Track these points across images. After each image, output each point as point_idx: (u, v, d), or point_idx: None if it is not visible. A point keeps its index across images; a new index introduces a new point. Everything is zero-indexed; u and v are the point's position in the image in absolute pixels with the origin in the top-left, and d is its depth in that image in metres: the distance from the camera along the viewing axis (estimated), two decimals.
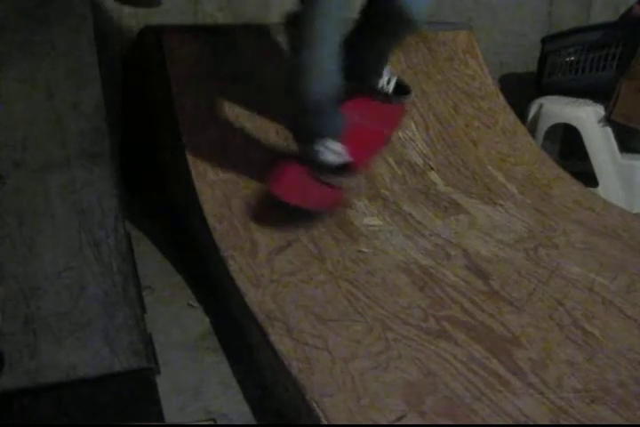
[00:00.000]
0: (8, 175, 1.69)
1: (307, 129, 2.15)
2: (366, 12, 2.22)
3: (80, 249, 1.67)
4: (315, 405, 1.44)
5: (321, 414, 1.41)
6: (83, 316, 1.58)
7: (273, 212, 2.11)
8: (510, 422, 1.42)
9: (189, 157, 2.23)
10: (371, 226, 2.21)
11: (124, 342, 1.56)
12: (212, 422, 1.56)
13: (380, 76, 2.40)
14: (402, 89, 2.46)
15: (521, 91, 3.20)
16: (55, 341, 1.52)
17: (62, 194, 1.73)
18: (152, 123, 2.54)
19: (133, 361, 1.54)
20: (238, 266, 1.91)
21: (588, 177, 2.75)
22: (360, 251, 2.06)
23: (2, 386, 1.44)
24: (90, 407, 1.45)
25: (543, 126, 2.96)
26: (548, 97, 3.06)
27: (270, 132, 2.41)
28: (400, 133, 2.60)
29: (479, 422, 1.42)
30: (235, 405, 1.63)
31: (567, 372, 1.58)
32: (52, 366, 1.49)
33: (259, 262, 1.94)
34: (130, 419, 1.46)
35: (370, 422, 1.41)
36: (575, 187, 2.59)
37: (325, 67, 2.00)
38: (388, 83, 2.41)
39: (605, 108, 2.84)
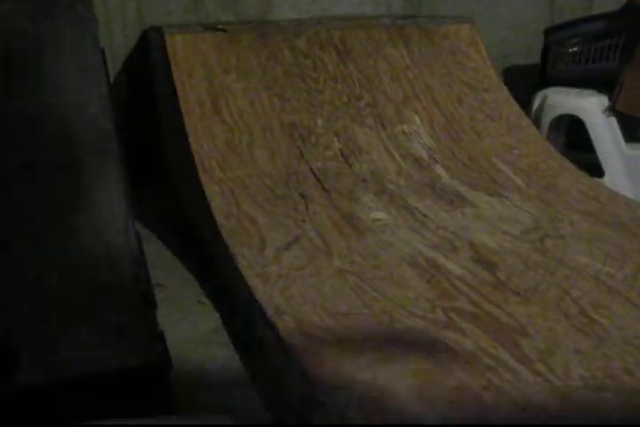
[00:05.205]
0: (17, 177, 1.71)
1: None
2: None
3: (90, 249, 1.69)
4: (325, 398, 1.45)
5: (332, 407, 1.43)
6: (95, 314, 1.60)
7: (280, 208, 2.13)
8: (519, 411, 1.44)
9: (196, 156, 2.25)
10: (377, 220, 2.23)
11: (137, 339, 1.57)
12: (224, 415, 1.58)
13: None
14: None
15: (525, 82, 3.21)
16: (68, 338, 1.55)
17: (71, 195, 1.75)
18: (158, 122, 2.56)
19: (146, 357, 1.55)
20: (247, 262, 1.93)
21: (593, 167, 2.75)
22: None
23: (16, 383, 1.46)
24: (103, 403, 1.47)
25: (548, 118, 2.96)
26: (552, 88, 3.06)
27: (276, 129, 2.43)
28: (405, 127, 2.62)
29: (488, 411, 1.44)
30: (246, 399, 1.65)
31: (574, 360, 1.59)
32: (65, 363, 1.51)
33: (267, 258, 1.96)
34: (142, 414, 1.48)
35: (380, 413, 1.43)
36: (581, 177, 2.59)
37: None
38: None
39: (610, 99, 2.84)
